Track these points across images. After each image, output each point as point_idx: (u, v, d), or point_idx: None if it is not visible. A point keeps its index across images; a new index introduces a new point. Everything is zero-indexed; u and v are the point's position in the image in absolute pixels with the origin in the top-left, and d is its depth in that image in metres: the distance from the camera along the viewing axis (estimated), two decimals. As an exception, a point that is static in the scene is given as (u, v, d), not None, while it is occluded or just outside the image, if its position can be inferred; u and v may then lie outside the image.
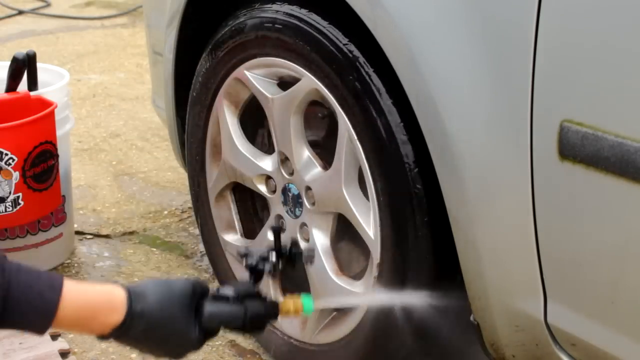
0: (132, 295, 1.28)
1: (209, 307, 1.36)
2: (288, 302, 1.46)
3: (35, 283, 1.19)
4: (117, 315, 1.26)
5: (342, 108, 1.57)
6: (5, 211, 2.11)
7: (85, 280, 2.28)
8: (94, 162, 3.02)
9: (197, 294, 1.35)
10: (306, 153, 1.71)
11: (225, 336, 2.04)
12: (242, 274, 1.95)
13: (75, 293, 1.22)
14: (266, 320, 1.44)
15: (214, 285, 2.21)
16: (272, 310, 1.43)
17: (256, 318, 1.40)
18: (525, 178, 1.30)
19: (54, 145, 2.17)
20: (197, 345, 1.35)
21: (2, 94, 2.19)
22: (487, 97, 1.32)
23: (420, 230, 1.51)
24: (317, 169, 1.70)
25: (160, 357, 1.36)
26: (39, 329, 1.21)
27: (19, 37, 4.59)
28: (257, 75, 1.76)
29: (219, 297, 1.37)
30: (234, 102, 1.86)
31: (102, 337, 1.28)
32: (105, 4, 5.28)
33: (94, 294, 1.26)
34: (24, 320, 1.19)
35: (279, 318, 1.45)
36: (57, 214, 2.30)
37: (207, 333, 1.37)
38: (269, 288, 1.85)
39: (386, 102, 1.50)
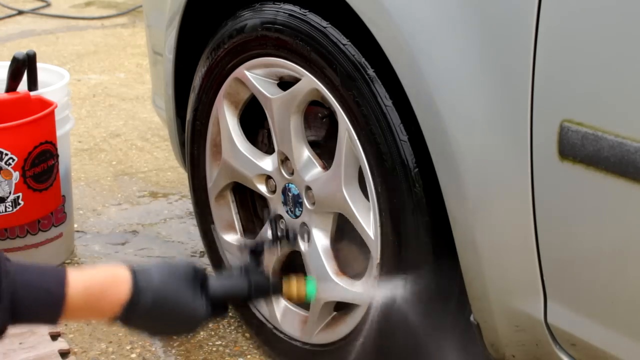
0: (136, 272, 1.29)
1: (214, 280, 1.38)
2: (292, 285, 1.47)
3: (40, 280, 1.21)
4: (124, 291, 1.26)
5: (342, 108, 1.58)
6: (5, 211, 2.11)
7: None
8: (94, 162, 3.02)
9: (199, 272, 1.36)
10: (306, 153, 1.71)
11: (226, 337, 2.04)
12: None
13: (81, 282, 1.24)
14: (270, 293, 1.45)
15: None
16: (276, 287, 1.45)
17: (261, 290, 1.42)
18: (525, 178, 1.30)
19: (54, 145, 2.17)
20: (205, 317, 1.35)
21: (2, 94, 2.19)
22: (487, 97, 1.32)
23: (420, 230, 1.51)
24: (317, 169, 1.70)
25: (170, 335, 1.35)
26: (51, 323, 1.24)
27: (19, 37, 4.59)
28: (257, 75, 1.76)
29: (222, 274, 1.38)
30: (234, 102, 1.86)
31: (115, 318, 1.28)
32: (105, 4, 5.28)
33: (99, 277, 1.27)
34: (35, 318, 1.22)
35: (282, 296, 1.47)
36: (57, 214, 2.30)
37: (215, 307, 1.37)
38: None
39: (386, 102, 1.50)
